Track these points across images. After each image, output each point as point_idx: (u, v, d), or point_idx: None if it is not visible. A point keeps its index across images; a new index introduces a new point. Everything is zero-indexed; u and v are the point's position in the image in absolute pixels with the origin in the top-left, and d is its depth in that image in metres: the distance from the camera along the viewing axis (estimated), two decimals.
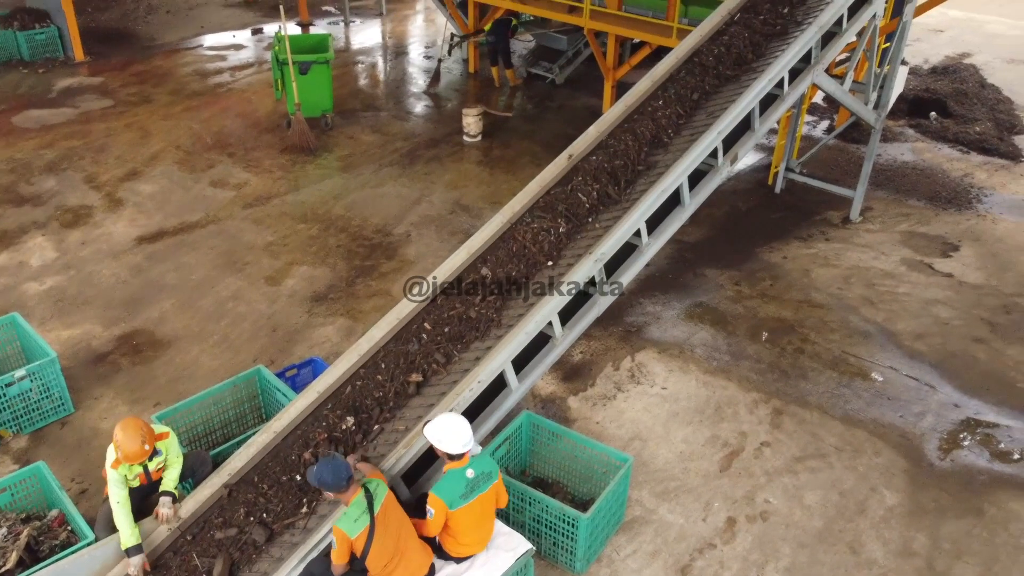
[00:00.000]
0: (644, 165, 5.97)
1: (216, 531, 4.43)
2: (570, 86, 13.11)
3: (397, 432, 4.66)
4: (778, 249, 8.55)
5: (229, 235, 8.73)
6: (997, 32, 16.51)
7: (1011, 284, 8.03)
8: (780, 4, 7.13)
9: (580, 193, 5.76)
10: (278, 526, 4.39)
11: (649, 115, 6.29)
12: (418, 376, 4.91)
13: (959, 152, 10.86)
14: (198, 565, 4.30)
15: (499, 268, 5.39)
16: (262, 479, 4.62)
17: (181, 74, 13.50)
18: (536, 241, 5.46)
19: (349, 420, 4.75)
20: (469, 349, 4.99)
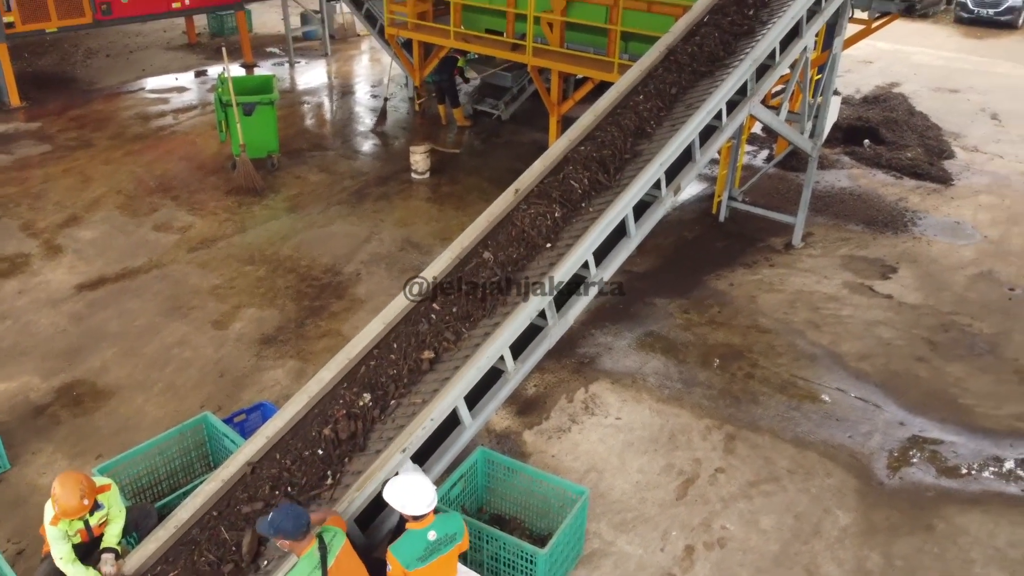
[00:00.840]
0: (631, 154, 6.23)
1: (243, 506, 4.43)
2: (516, 122, 13.27)
3: (414, 405, 4.76)
4: (724, 276, 8.71)
5: (173, 280, 8.56)
6: (922, 62, 17.28)
7: (948, 303, 8.29)
8: (745, 7, 7.43)
9: (572, 180, 5.98)
10: (304, 498, 4.44)
11: (632, 108, 6.60)
12: (430, 353, 5.03)
13: (893, 177, 11.26)
14: (227, 539, 4.29)
15: (500, 252, 5.57)
16: (284, 455, 4.66)
17: (122, 118, 13.30)
18: (534, 225, 5.71)
19: (366, 397, 4.84)
20: (478, 326, 5.16)
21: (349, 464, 4.57)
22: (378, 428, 4.74)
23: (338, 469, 4.56)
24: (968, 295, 8.45)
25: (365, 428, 4.71)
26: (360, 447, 4.64)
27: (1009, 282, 8.69)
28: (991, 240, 9.59)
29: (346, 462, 4.59)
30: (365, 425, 4.72)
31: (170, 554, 4.35)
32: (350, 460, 4.61)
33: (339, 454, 4.63)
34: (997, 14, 20.45)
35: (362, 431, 4.69)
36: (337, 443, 4.65)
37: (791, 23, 7.10)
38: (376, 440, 4.66)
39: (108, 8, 13.93)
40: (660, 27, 9.71)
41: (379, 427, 4.74)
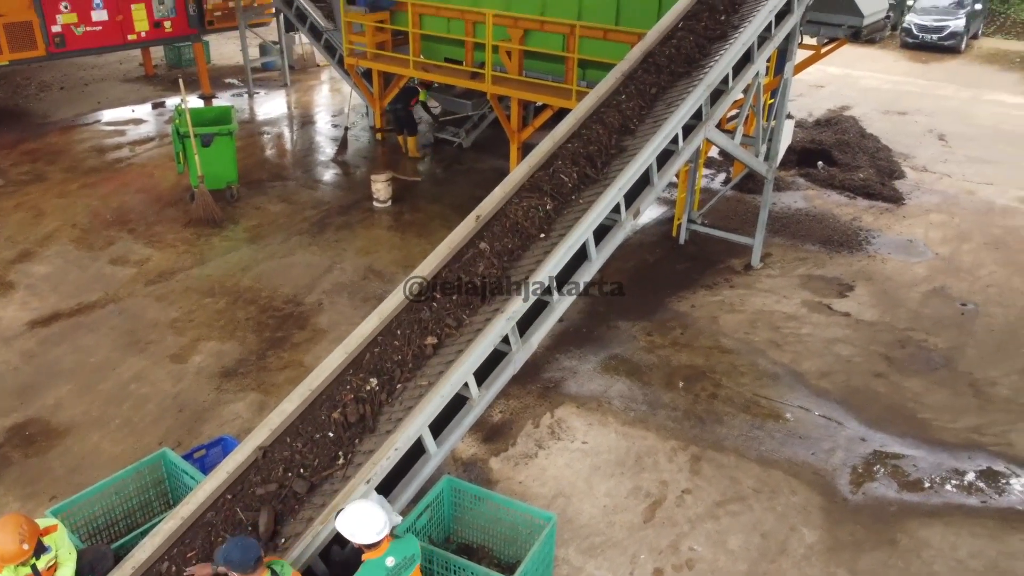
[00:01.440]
0: (616, 149, 6.46)
1: (257, 488, 4.49)
2: (477, 149, 13.34)
3: (420, 387, 4.89)
4: (686, 298, 8.80)
5: (130, 314, 8.39)
6: (871, 86, 17.79)
7: (903, 319, 8.46)
8: (718, 13, 7.70)
9: (562, 175, 6.18)
10: (316, 478, 4.52)
11: (615, 107, 6.81)
12: (433, 339, 5.16)
13: (846, 198, 11.52)
14: (243, 519, 4.34)
15: (496, 242, 5.74)
16: (295, 439, 4.74)
17: (77, 151, 13.10)
18: (528, 217, 5.90)
19: (372, 381, 4.95)
20: (477, 313, 5.34)
21: (360, 444, 4.67)
22: (386, 411, 4.85)
23: (349, 449, 4.66)
24: (922, 311, 8.64)
25: (374, 411, 4.82)
26: (370, 428, 4.76)
27: (961, 297, 8.91)
28: (942, 257, 9.84)
29: (356, 443, 4.69)
30: (373, 408, 4.84)
31: (187, 536, 4.40)
32: (360, 441, 4.71)
33: (349, 436, 4.72)
34: (940, 39, 21.17)
35: (371, 414, 4.80)
36: (347, 426, 4.75)
37: (743, 49, 7.26)
38: (385, 422, 4.78)
39: (62, 40, 13.76)
40: (616, 54, 9.87)
41: (387, 410, 4.86)
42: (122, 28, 14.45)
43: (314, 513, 4.36)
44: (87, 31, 14.04)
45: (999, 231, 10.55)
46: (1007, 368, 7.70)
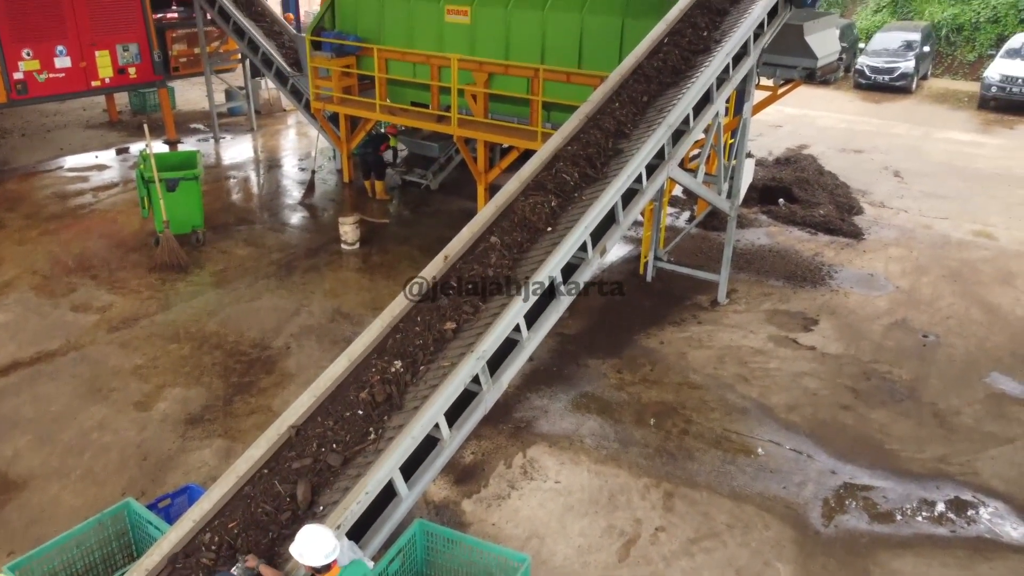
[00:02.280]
0: (613, 152, 6.78)
1: (293, 463, 4.68)
2: (444, 191, 13.42)
3: (443, 368, 5.12)
4: (655, 335, 8.86)
5: (92, 361, 8.23)
6: (827, 125, 18.28)
7: (867, 352, 8.60)
8: (702, 28, 8.08)
9: (564, 174, 6.50)
10: (349, 453, 4.72)
11: (610, 114, 7.15)
12: (452, 324, 5.41)
13: (808, 234, 11.76)
14: (281, 491, 4.51)
15: (505, 236, 6.04)
16: (325, 418, 4.95)
17: (38, 197, 12.93)
18: (535, 212, 6.20)
19: (397, 364, 5.18)
20: (492, 300, 5.57)
21: (389, 420, 4.89)
22: (411, 390, 5.07)
23: (379, 425, 4.87)
24: (885, 343, 8.80)
25: (400, 390, 5.05)
26: (397, 406, 4.98)
27: (922, 329, 9.09)
28: (903, 290, 10.05)
29: (385, 419, 4.90)
30: (399, 388, 5.06)
31: (227, 508, 4.57)
32: (389, 417, 4.92)
33: (378, 413, 4.93)
34: (892, 80, 21.88)
35: (397, 393, 5.03)
36: (375, 405, 4.97)
37: (702, 90, 7.44)
38: (411, 399, 4.99)
39: (24, 87, 13.68)
40: (579, 96, 10.08)
41: (412, 389, 5.07)
42: (86, 75, 14.41)
43: (350, 484, 4.56)
44: (50, 78, 13.99)
45: (956, 264, 10.82)
46: (969, 397, 7.84)
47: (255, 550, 4.31)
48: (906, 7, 26.48)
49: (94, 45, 14.35)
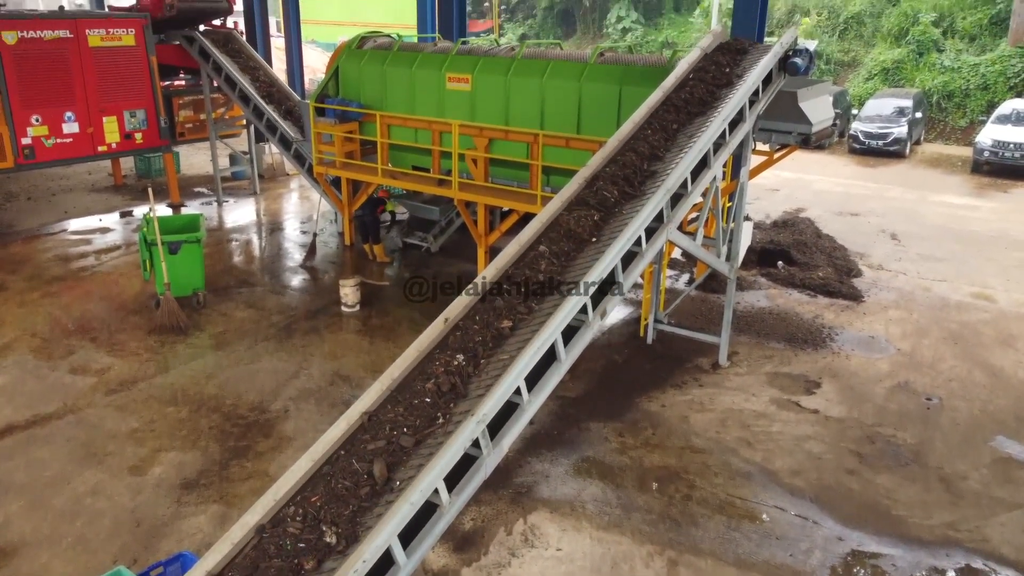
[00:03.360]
0: (648, 174, 7.28)
1: (367, 444, 4.96)
2: (445, 253, 13.51)
3: (502, 361, 5.46)
4: (656, 398, 8.80)
5: (88, 424, 8.14)
6: (823, 189, 18.52)
7: (871, 415, 8.52)
8: (723, 66, 8.62)
9: (605, 192, 7.00)
10: (420, 435, 5.00)
11: (643, 139, 7.71)
12: (508, 322, 5.76)
13: (808, 296, 11.79)
14: (358, 469, 4.78)
15: (553, 245, 6.48)
16: (395, 405, 5.24)
17: (41, 260, 13.01)
18: (579, 224, 6.66)
19: (460, 357, 5.50)
20: (545, 302, 5.97)
21: (455, 407, 5.19)
22: (474, 380, 5.39)
23: (446, 411, 5.17)
24: (888, 406, 8.72)
25: (463, 380, 5.37)
26: (462, 395, 5.28)
27: (925, 392, 9.03)
28: (904, 352, 10.02)
29: (451, 406, 5.20)
30: (463, 378, 5.38)
31: (307, 487, 4.81)
32: (455, 404, 5.22)
33: (444, 401, 5.23)
34: (886, 145, 22.27)
35: (461, 383, 5.34)
36: (440, 393, 5.26)
37: (699, 155, 7.55)
38: (475, 388, 5.31)
39: (31, 152, 13.90)
40: (578, 161, 10.24)
41: (475, 380, 5.39)
42: (92, 140, 14.66)
43: (423, 461, 4.84)
44: (57, 143, 14.23)
45: (956, 326, 10.81)
46: (975, 461, 7.74)
47: (338, 521, 4.55)
48: (897, 75, 27.13)
49: (102, 111, 14.64)
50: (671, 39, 35.93)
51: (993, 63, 25.06)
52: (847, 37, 30.02)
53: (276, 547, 4.44)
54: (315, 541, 4.46)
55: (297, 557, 4.37)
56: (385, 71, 12.40)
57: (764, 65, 8.50)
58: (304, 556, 4.37)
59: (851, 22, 30.06)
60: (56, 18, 14.10)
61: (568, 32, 40.76)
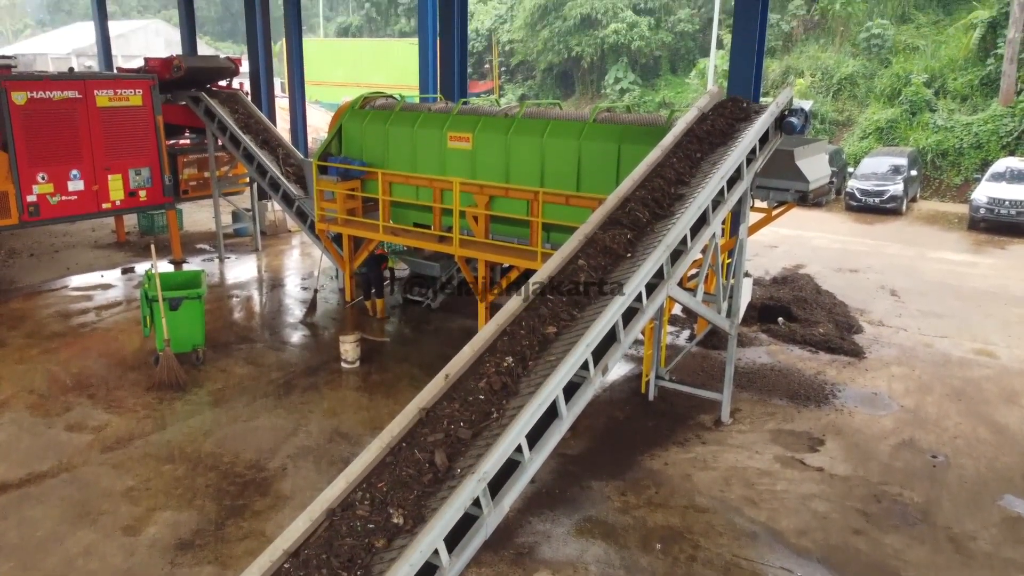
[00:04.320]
0: (674, 197, 7.72)
1: (427, 437, 5.26)
2: (445, 309, 13.52)
3: (548, 363, 5.82)
4: (658, 456, 8.69)
5: (83, 483, 8.03)
6: (821, 246, 18.64)
7: (876, 473, 8.41)
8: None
9: (636, 212, 7.42)
10: (476, 429, 5.33)
11: (670, 166, 8.16)
12: (553, 328, 6.19)
13: (809, 352, 11.75)
14: (420, 458, 5.08)
15: (591, 260, 6.89)
16: (450, 403, 5.55)
17: (41, 316, 13.01)
18: (615, 241, 7.10)
19: (508, 359, 5.86)
20: (585, 310, 6.39)
21: (507, 403, 5.54)
22: (524, 380, 5.74)
23: (499, 407, 5.51)
24: (894, 464, 8.62)
25: (514, 379, 5.72)
26: (513, 392, 5.64)
27: (931, 449, 8.93)
28: (907, 409, 9.94)
29: (503, 403, 5.54)
30: (513, 378, 5.73)
31: (373, 474, 5.12)
32: (507, 401, 5.57)
33: (497, 398, 5.56)
34: (882, 202, 22.49)
35: (512, 381, 5.70)
36: (493, 392, 5.59)
37: (698, 212, 7.62)
38: (525, 386, 5.67)
39: (36, 209, 14.03)
40: (578, 218, 10.32)
41: (524, 380, 5.74)
42: (97, 197, 14.81)
43: (481, 452, 5.12)
44: (62, 200, 14.36)
45: (959, 383, 10.75)
46: (984, 521, 7.61)
47: (404, 504, 4.84)
48: (891, 134, 27.58)
49: (108, 169, 14.82)
50: (668, 99, 36.64)
51: (985, 122, 25.49)
52: (841, 97, 30.61)
53: (347, 528, 4.75)
54: (383, 522, 4.77)
55: (367, 536, 4.68)
56: (388, 130, 12.61)
57: (761, 124, 8.64)
58: (374, 535, 4.68)
59: (844, 83, 30.69)
60: (66, 79, 14.40)
61: (567, 93, 41.57)
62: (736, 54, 12.33)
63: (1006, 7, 26.77)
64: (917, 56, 30.00)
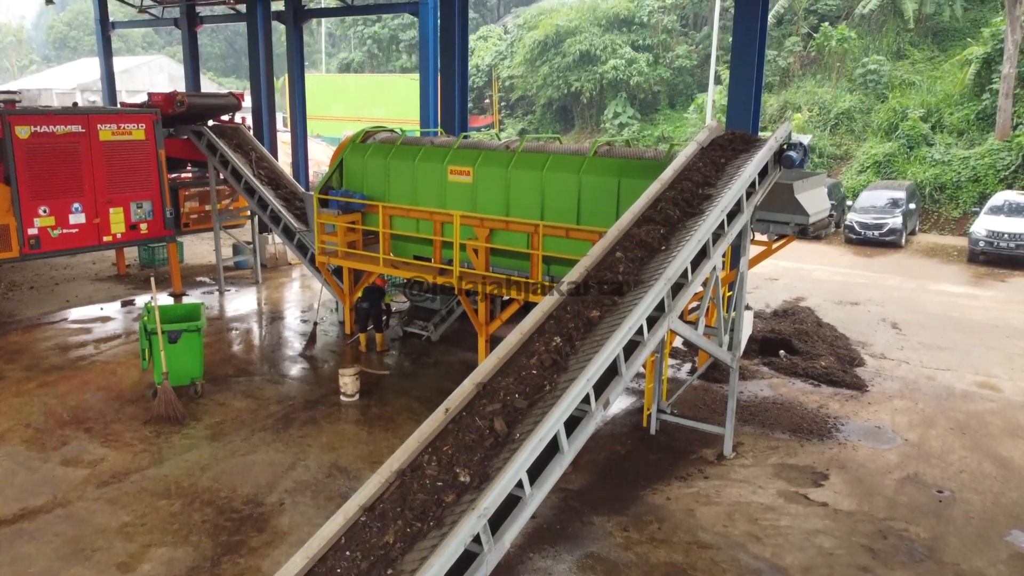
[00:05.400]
0: (701, 198, 8.08)
1: (486, 407, 5.75)
2: (445, 342, 13.47)
3: (595, 342, 6.29)
4: (661, 490, 8.59)
5: (78, 519, 7.92)
6: (822, 278, 18.64)
7: (881, 508, 8.30)
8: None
9: (668, 211, 7.84)
10: (530, 400, 5.82)
11: (696, 169, 8.62)
12: (597, 311, 6.64)
13: (811, 385, 11.68)
14: (480, 425, 5.54)
15: (628, 252, 7.37)
16: (504, 377, 6.08)
17: (39, 349, 12.96)
18: (649, 236, 7.53)
19: (557, 339, 6.38)
20: (626, 297, 6.81)
21: (557, 377, 6.01)
22: (572, 359, 6.19)
23: (551, 381, 5.98)
24: (899, 499, 8.51)
25: (563, 356, 6.20)
26: (563, 368, 6.10)
27: (936, 484, 8.82)
28: (911, 443, 9.85)
29: (554, 376, 6.02)
30: (561, 355, 6.22)
31: (438, 439, 5.67)
32: (557, 375, 6.04)
33: (547, 373, 6.04)
34: (881, 235, 22.55)
35: (561, 358, 6.19)
36: (544, 367, 6.09)
37: (698, 246, 7.62)
38: (574, 363, 6.15)
39: (36, 242, 14.05)
40: (579, 251, 10.34)
41: (573, 358, 6.20)
42: (98, 230, 14.85)
43: (536, 419, 5.59)
44: (63, 233, 14.40)
45: (963, 416, 10.67)
46: (992, 557, 7.49)
47: (469, 466, 5.29)
48: (889, 167, 27.75)
49: (109, 202, 14.89)
50: (666, 133, 36.95)
51: (983, 156, 25.66)
52: (838, 132, 30.85)
53: (418, 485, 5.23)
54: (451, 480, 5.22)
55: (437, 493, 5.15)
56: (388, 164, 12.68)
57: (760, 158, 8.68)
58: (443, 492, 5.14)
59: (842, 117, 30.97)
60: (70, 114, 14.52)
61: (566, 127, 41.94)
62: (734, 89, 12.46)
63: (1000, 44, 27.11)
64: (913, 91, 30.31)
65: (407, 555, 4.92)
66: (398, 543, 4.93)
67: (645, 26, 40.55)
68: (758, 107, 12.62)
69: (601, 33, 40.00)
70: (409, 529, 4.99)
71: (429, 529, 4.99)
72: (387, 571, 4.78)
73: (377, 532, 5.03)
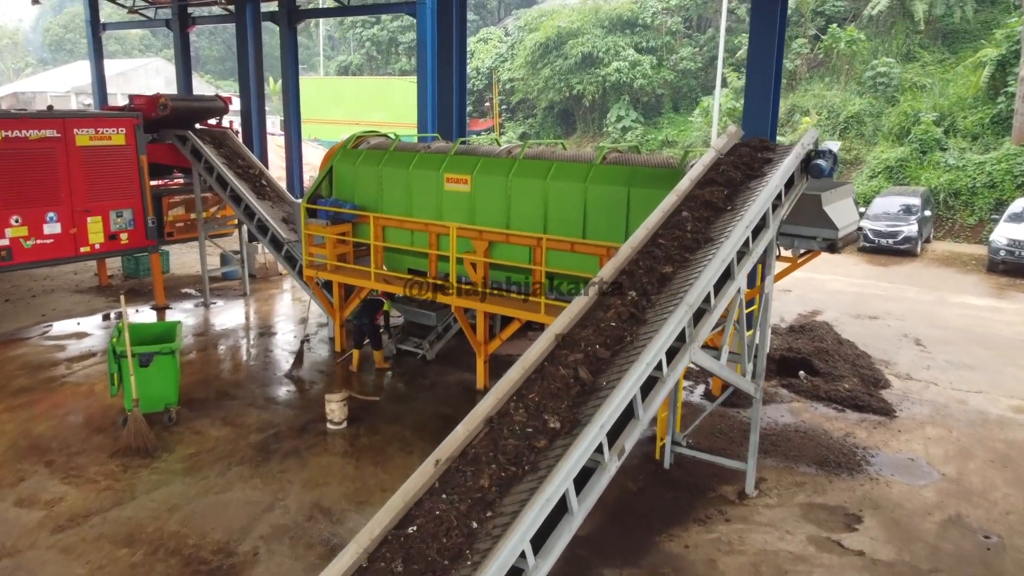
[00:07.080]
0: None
1: (569, 356, 5.66)
2: (441, 361, 12.62)
3: (670, 293, 6.31)
4: (678, 536, 7.74)
5: (27, 571, 7.07)
6: (837, 289, 17.80)
7: (923, 558, 7.45)
8: None
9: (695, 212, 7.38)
10: (614, 349, 5.75)
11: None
12: (669, 267, 6.59)
13: (835, 410, 10.84)
14: (564, 374, 5.45)
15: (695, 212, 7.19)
16: (583, 329, 6.01)
17: (8, 369, 12.13)
18: (713, 196, 7.37)
19: (632, 294, 6.28)
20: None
21: (637, 330, 5.98)
22: (649, 311, 6.16)
23: (631, 333, 5.90)
24: (942, 546, 7.66)
25: (640, 309, 6.15)
26: (641, 320, 6.06)
27: (982, 528, 7.98)
28: (950, 479, 9.00)
29: (635, 329, 5.96)
30: (639, 308, 6.16)
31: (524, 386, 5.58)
32: (637, 328, 5.99)
33: (627, 325, 5.97)
34: (896, 243, 21.72)
35: (638, 311, 6.13)
36: (622, 319, 6.01)
37: (722, 266, 6.79)
38: (652, 315, 6.12)
39: (8, 254, 13.22)
40: (584, 266, 9.52)
41: (650, 310, 6.16)
42: (75, 241, 14.02)
43: (624, 367, 5.48)
44: (37, 244, 13.57)
45: (1002, 446, 9.83)
46: None
47: (558, 411, 5.18)
48: (901, 173, 26.93)
49: (87, 212, 14.06)
50: (671, 137, 36.17)
51: (999, 161, 24.84)
52: (848, 136, 30.06)
53: (508, 431, 5.13)
54: (541, 426, 5.12)
55: (528, 439, 5.04)
56: (381, 171, 11.85)
57: (786, 167, 7.85)
58: (534, 438, 5.05)
59: (851, 121, 30.18)
60: (44, 117, 13.69)
61: (568, 131, 41.16)
62: (751, 92, 11.64)
63: (1015, 45, 26.33)
64: (925, 94, 29.52)
65: (504, 499, 4.84)
66: (493, 487, 4.84)
67: (648, 28, 39.80)
68: (776, 111, 11.80)
69: (603, 35, 39.27)
70: (504, 473, 4.88)
71: (524, 473, 4.89)
72: (486, 513, 4.73)
73: (472, 476, 4.90)
